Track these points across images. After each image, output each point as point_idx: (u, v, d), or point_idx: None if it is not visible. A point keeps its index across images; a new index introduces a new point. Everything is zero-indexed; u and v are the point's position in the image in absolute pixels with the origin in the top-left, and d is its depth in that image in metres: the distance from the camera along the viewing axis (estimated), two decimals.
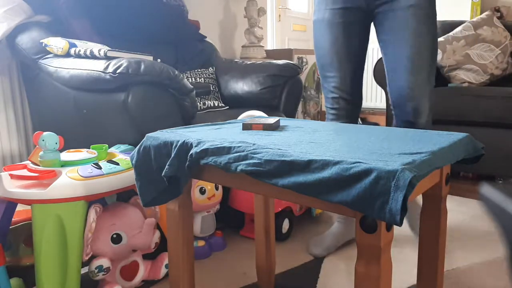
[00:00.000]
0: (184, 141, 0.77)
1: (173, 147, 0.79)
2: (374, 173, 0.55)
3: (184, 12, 2.17)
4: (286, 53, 2.95)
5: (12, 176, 1.05)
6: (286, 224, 1.55)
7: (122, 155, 1.21)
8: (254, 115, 1.37)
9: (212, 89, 2.01)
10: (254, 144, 0.71)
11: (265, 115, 1.37)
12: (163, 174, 0.80)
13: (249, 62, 2.11)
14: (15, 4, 1.61)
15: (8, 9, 1.59)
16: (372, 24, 1.36)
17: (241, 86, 2.00)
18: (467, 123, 2.13)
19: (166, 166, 0.79)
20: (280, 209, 1.51)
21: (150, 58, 1.48)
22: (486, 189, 0.42)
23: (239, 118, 1.39)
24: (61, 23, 1.69)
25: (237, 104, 2.00)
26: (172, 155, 0.78)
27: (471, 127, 2.13)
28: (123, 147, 1.31)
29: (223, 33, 2.89)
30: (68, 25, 1.67)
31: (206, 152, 0.73)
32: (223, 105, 2.01)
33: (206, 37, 2.31)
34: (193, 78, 2.01)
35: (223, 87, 2.07)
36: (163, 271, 1.24)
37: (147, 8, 1.95)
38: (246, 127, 0.90)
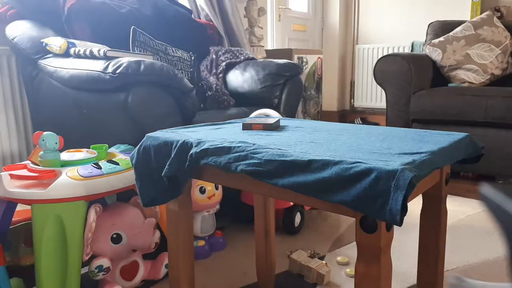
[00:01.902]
0: (184, 141, 0.77)
1: (173, 147, 0.79)
2: (374, 173, 0.55)
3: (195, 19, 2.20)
4: (286, 53, 2.95)
5: (12, 176, 1.05)
6: (298, 218, 1.61)
7: (122, 155, 1.21)
8: (267, 113, 1.36)
9: None
10: (254, 144, 0.71)
11: (278, 114, 1.35)
12: (163, 174, 0.80)
13: (249, 61, 2.11)
14: None
15: None
16: None
17: (242, 85, 2.00)
18: (467, 123, 2.13)
19: (166, 166, 0.79)
20: (292, 203, 1.56)
21: (150, 58, 1.48)
22: (486, 189, 0.42)
23: (251, 116, 1.38)
24: (62, 24, 1.68)
25: (237, 103, 2.00)
26: (172, 155, 0.78)
27: (471, 127, 2.13)
28: (123, 147, 1.31)
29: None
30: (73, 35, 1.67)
31: (206, 152, 0.73)
32: None
33: (223, 40, 2.34)
34: None
35: (224, 86, 2.07)
36: (163, 271, 1.24)
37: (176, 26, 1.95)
38: (246, 127, 0.90)
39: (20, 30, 1.62)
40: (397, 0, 3.65)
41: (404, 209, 0.53)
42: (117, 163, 1.12)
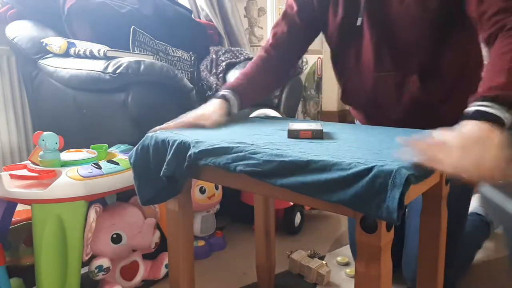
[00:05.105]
0: (182, 141, 0.77)
1: (172, 147, 0.79)
2: (372, 172, 0.55)
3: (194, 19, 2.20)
4: None
5: (12, 176, 1.05)
6: (298, 218, 1.62)
7: (122, 155, 1.21)
8: (268, 113, 1.35)
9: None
10: (252, 144, 0.70)
11: (278, 114, 1.35)
12: (161, 174, 0.80)
13: (249, 61, 2.11)
14: None
15: None
16: None
17: None
18: None
19: (164, 166, 0.79)
20: (292, 203, 1.57)
21: (150, 58, 1.48)
22: (486, 189, 0.42)
23: (251, 116, 1.37)
24: (62, 24, 1.69)
25: None
26: (170, 155, 0.78)
27: None
28: (123, 147, 1.31)
29: None
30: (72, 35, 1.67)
31: (204, 153, 0.73)
32: None
33: (223, 40, 2.34)
34: None
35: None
36: (163, 271, 1.24)
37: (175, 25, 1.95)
38: (292, 134, 0.79)
39: (20, 30, 1.62)
40: None
41: (400, 207, 0.53)
42: (117, 163, 1.12)
